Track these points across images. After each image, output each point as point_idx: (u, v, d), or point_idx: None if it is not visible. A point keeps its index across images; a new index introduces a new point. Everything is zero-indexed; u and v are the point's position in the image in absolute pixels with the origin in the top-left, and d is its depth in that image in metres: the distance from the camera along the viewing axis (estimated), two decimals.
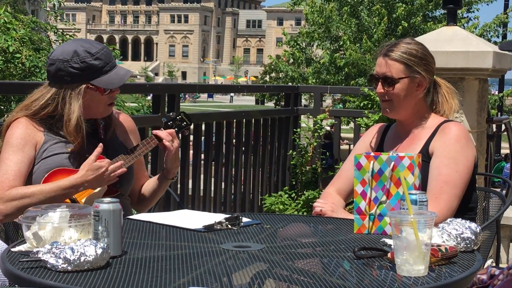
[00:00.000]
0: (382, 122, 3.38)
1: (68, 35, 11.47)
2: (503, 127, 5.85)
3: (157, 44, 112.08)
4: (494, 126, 5.76)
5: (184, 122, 2.66)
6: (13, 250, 1.87)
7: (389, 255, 1.82)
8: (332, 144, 7.04)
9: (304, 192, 5.81)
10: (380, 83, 2.55)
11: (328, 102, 15.70)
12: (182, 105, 4.78)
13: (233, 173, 5.35)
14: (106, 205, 1.82)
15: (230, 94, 64.81)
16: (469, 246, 1.93)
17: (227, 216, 2.24)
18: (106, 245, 1.76)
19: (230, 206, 5.32)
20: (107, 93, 2.50)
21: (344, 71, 16.91)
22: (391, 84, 2.52)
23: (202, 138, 5.03)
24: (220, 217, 2.25)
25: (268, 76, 40.10)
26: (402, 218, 1.73)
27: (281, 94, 17.44)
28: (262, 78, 45.01)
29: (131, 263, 1.79)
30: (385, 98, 2.55)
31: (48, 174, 2.45)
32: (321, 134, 6.11)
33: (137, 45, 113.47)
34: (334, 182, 2.68)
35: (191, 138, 5.25)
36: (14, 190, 2.38)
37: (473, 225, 1.96)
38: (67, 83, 2.46)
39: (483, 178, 4.83)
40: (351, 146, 13.07)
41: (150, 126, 4.23)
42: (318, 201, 2.56)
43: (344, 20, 17.04)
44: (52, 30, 11.93)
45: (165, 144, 2.57)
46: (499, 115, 13.56)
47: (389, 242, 1.88)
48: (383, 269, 1.78)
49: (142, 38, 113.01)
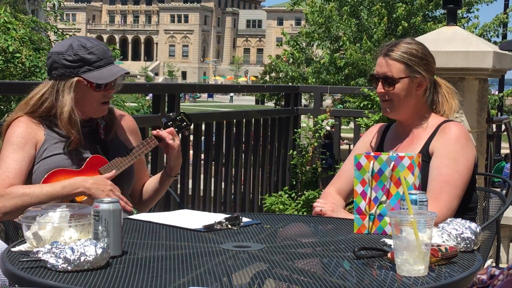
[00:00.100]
0: (382, 122, 3.38)
1: (68, 35, 11.46)
2: (503, 127, 5.85)
3: (157, 44, 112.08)
4: (494, 126, 5.76)
5: (184, 123, 2.65)
6: (13, 250, 1.87)
7: (389, 255, 1.82)
8: (332, 144, 7.04)
9: (304, 192, 5.81)
10: (380, 83, 2.54)
11: (328, 102, 15.70)
12: (182, 105, 4.78)
13: (233, 173, 5.35)
14: (106, 205, 1.82)
15: (230, 94, 64.80)
16: (469, 246, 1.93)
17: (227, 216, 2.24)
18: (106, 245, 1.76)
19: (230, 206, 5.31)
20: (100, 90, 2.48)
21: (344, 72, 16.90)
22: (392, 84, 2.52)
23: (202, 138, 5.03)
24: (220, 217, 2.25)
25: (268, 76, 40.11)
26: (402, 218, 1.73)
27: (281, 94, 17.44)
28: (262, 78, 45.01)
29: (131, 263, 1.79)
30: (385, 98, 2.55)
31: (48, 175, 2.45)
32: (321, 134, 6.11)
33: (137, 45, 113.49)
34: (334, 182, 2.68)
35: (191, 138, 5.25)
36: (14, 188, 2.38)
37: (473, 225, 1.96)
38: (60, 76, 2.47)
39: (483, 178, 4.83)
40: (351, 146, 13.06)
41: (150, 126, 4.23)
42: (318, 201, 2.56)
43: (344, 20, 17.03)
44: (52, 30, 11.93)
45: (168, 142, 2.57)
46: (499, 115, 13.57)
47: (389, 242, 1.88)
48: (383, 269, 1.78)
49: (142, 38, 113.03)
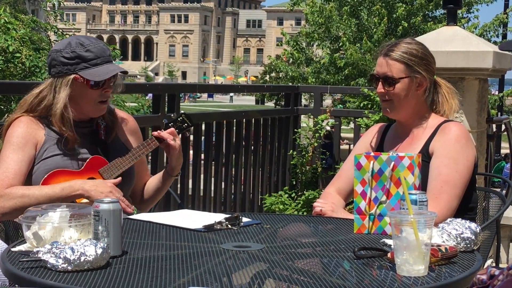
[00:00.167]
0: (382, 122, 3.38)
1: (68, 35, 11.46)
2: (503, 127, 5.85)
3: (157, 44, 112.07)
4: (494, 126, 5.76)
5: (185, 124, 2.64)
6: (13, 250, 1.87)
7: (389, 255, 1.82)
8: (332, 144, 7.04)
9: (304, 192, 5.81)
10: (380, 83, 2.54)
11: (328, 102, 15.69)
12: (181, 105, 4.78)
13: (233, 173, 5.35)
14: (106, 205, 1.82)
15: (230, 94, 64.79)
16: (469, 246, 1.93)
17: (227, 216, 2.24)
18: (106, 245, 1.76)
19: (230, 206, 5.32)
20: (97, 88, 2.47)
21: (344, 72, 16.89)
22: (392, 84, 2.52)
23: (202, 138, 5.03)
24: (220, 217, 2.25)
25: (268, 76, 40.12)
26: (402, 218, 1.73)
27: (281, 94, 17.43)
28: (262, 78, 45.02)
29: (131, 263, 1.79)
30: (385, 98, 2.55)
31: (47, 175, 2.45)
32: (321, 134, 6.11)
33: (137, 45, 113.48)
34: (334, 182, 2.68)
35: (191, 138, 5.24)
36: (14, 189, 2.38)
37: (473, 225, 1.96)
38: (58, 73, 2.47)
39: (483, 178, 4.83)
40: (351, 146, 13.06)
41: (150, 126, 4.23)
42: (318, 201, 2.56)
43: (344, 20, 17.02)
44: (52, 30, 11.93)
45: (169, 143, 2.57)
46: (499, 115, 13.57)
47: (389, 242, 1.88)
48: (383, 269, 1.78)
49: (142, 38, 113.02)
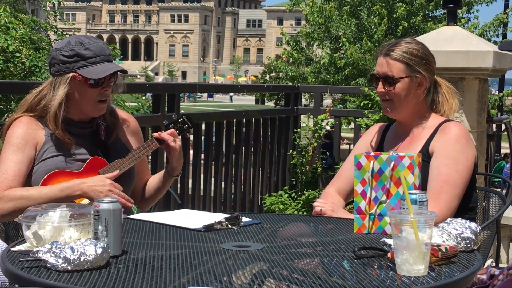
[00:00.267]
0: (382, 121, 3.38)
1: (68, 35, 11.47)
2: (503, 127, 5.85)
3: (157, 43, 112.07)
4: (494, 126, 5.76)
5: (185, 125, 2.63)
6: (13, 249, 1.87)
7: (389, 255, 1.82)
8: (332, 143, 7.04)
9: (304, 191, 5.81)
10: (380, 83, 2.54)
11: (328, 101, 15.67)
12: (181, 105, 4.78)
13: (233, 172, 5.35)
14: (106, 204, 1.82)
15: (230, 94, 64.79)
16: (469, 246, 1.93)
17: (227, 215, 2.24)
18: (106, 244, 1.76)
19: (230, 205, 5.31)
20: (96, 87, 2.47)
21: (344, 72, 16.89)
22: (392, 83, 2.52)
23: (202, 137, 5.03)
24: (220, 216, 2.25)
25: (268, 75, 40.11)
26: (402, 217, 1.73)
27: (281, 94, 17.42)
28: (262, 78, 45.01)
29: (131, 263, 1.79)
30: (385, 97, 2.55)
31: (47, 176, 2.45)
32: (321, 134, 6.11)
33: (137, 44, 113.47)
34: (334, 181, 2.68)
35: (191, 138, 5.24)
36: (12, 190, 2.38)
37: (473, 224, 1.96)
38: (58, 72, 2.47)
39: (483, 178, 4.83)
40: (351, 146, 13.06)
41: (150, 125, 4.23)
42: (318, 200, 2.56)
43: (344, 20, 17.02)
44: (52, 29, 11.94)
45: (170, 144, 2.56)
46: (499, 115, 13.58)
47: (389, 241, 1.88)
48: (383, 268, 1.78)
49: (142, 37, 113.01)
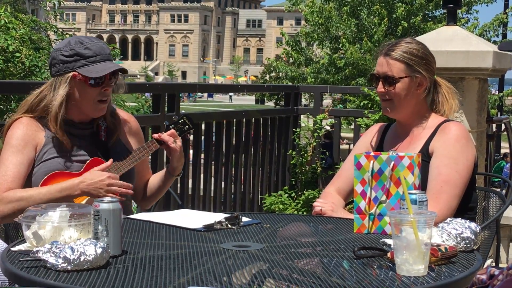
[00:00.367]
0: (382, 121, 3.38)
1: (68, 35, 11.47)
2: (503, 127, 5.85)
3: (157, 43, 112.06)
4: (494, 126, 5.76)
5: (186, 126, 2.63)
6: (13, 249, 1.87)
7: (388, 255, 1.82)
8: (332, 143, 7.04)
9: (304, 191, 5.81)
10: (380, 83, 2.54)
11: (327, 101, 15.66)
12: (181, 104, 4.78)
13: (233, 172, 5.35)
14: (106, 204, 1.82)
15: (230, 94, 64.76)
16: (468, 245, 1.93)
17: (227, 215, 2.24)
18: (106, 244, 1.76)
19: (230, 205, 5.31)
20: (96, 87, 2.46)
21: (344, 72, 16.88)
22: (392, 83, 2.52)
23: (202, 137, 5.03)
24: (220, 216, 2.25)
25: (268, 75, 40.09)
26: (402, 217, 1.73)
27: (281, 94, 17.41)
28: (262, 78, 44.99)
29: (131, 263, 1.79)
30: (385, 97, 2.55)
31: (47, 177, 2.45)
32: (320, 134, 6.11)
33: (137, 44, 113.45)
34: (334, 181, 2.68)
35: (191, 138, 5.24)
36: (11, 192, 2.38)
37: (472, 224, 1.96)
38: (58, 72, 2.47)
39: (483, 178, 4.83)
40: (351, 145, 13.05)
41: (150, 125, 4.23)
42: (318, 200, 2.56)
43: (343, 20, 17.00)
44: (52, 29, 11.94)
45: (170, 146, 2.56)
46: (499, 115, 13.59)
47: (388, 241, 1.88)
48: (383, 268, 1.78)
49: (142, 37, 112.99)
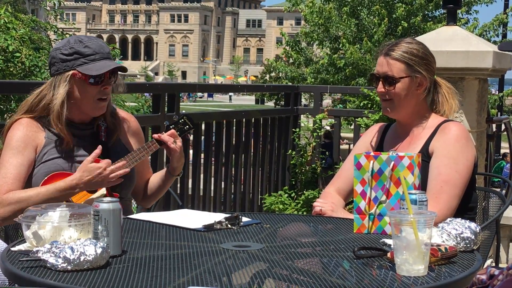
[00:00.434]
0: (382, 121, 3.38)
1: (68, 35, 11.47)
2: (503, 127, 5.85)
3: (157, 43, 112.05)
4: (494, 126, 5.76)
5: (186, 126, 2.62)
6: (12, 249, 1.87)
7: (388, 255, 1.82)
8: (332, 143, 7.04)
9: (304, 191, 5.81)
10: (380, 82, 2.54)
11: (327, 101, 15.65)
12: (181, 104, 4.78)
13: (233, 172, 5.35)
14: (106, 204, 1.82)
15: (229, 94, 64.75)
16: (468, 246, 1.93)
17: (227, 215, 2.24)
18: (106, 244, 1.76)
19: (230, 205, 5.31)
20: (96, 85, 2.46)
21: (344, 72, 16.87)
22: (392, 83, 2.52)
23: (202, 137, 5.03)
24: (220, 216, 2.25)
25: (268, 75, 40.08)
26: (402, 217, 1.73)
27: (281, 94, 17.40)
28: (262, 78, 44.98)
29: (131, 263, 1.79)
30: (385, 97, 2.55)
31: (47, 178, 2.45)
32: (320, 134, 6.11)
33: (137, 44, 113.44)
34: (334, 181, 2.68)
35: (191, 138, 5.24)
36: (11, 194, 2.38)
37: (472, 224, 1.96)
38: (57, 71, 2.48)
39: (483, 178, 4.83)
40: (351, 145, 13.06)
41: (150, 125, 4.23)
42: (318, 200, 2.56)
43: (343, 20, 16.99)
44: (52, 29, 11.94)
45: (170, 146, 2.57)
46: (499, 115, 13.59)
47: (388, 241, 1.88)
48: (383, 268, 1.78)
49: (142, 37, 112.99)
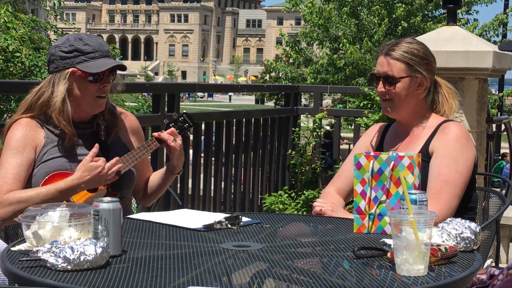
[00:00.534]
0: (382, 121, 3.38)
1: (68, 34, 11.46)
2: (503, 127, 5.85)
3: (157, 43, 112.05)
4: (494, 126, 5.76)
5: (186, 124, 2.62)
6: (13, 249, 1.87)
7: (388, 255, 1.82)
8: (332, 143, 7.04)
9: (303, 191, 5.81)
10: (381, 82, 2.54)
11: (327, 101, 15.65)
12: (181, 104, 4.78)
13: (233, 172, 5.35)
14: (106, 204, 1.82)
15: (229, 94, 64.73)
16: (468, 245, 1.93)
17: (227, 215, 2.24)
18: (106, 244, 1.76)
19: (230, 205, 5.31)
20: (95, 83, 2.46)
21: (345, 72, 16.86)
22: (392, 83, 2.52)
23: (202, 137, 5.03)
24: (220, 216, 2.25)
25: (268, 75, 40.07)
26: (402, 217, 1.73)
27: (281, 94, 17.41)
28: (262, 78, 44.97)
29: (131, 262, 1.79)
30: (386, 97, 2.55)
31: (47, 178, 2.44)
32: (320, 134, 6.11)
33: (137, 44, 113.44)
34: (334, 181, 2.68)
35: (191, 137, 5.24)
36: (11, 194, 2.38)
37: (472, 224, 1.96)
38: (56, 68, 2.48)
39: (483, 178, 4.83)
40: (351, 145, 13.06)
41: (150, 125, 4.23)
42: (318, 200, 2.56)
43: (343, 20, 16.99)
44: (52, 29, 11.94)
45: (169, 144, 2.57)
46: (499, 115, 13.58)
47: (388, 241, 1.88)
48: (383, 268, 1.78)
49: (142, 37, 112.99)
